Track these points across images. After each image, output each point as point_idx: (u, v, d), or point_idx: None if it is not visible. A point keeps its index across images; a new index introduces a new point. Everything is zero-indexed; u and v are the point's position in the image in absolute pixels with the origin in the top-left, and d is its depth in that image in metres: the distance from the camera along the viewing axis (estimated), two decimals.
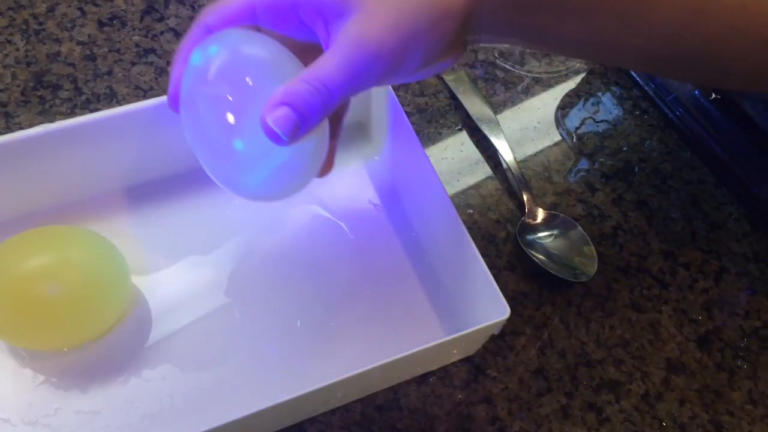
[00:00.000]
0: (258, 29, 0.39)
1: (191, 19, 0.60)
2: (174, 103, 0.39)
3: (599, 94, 0.60)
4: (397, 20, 0.33)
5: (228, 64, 0.36)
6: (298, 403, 0.39)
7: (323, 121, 0.36)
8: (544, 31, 0.37)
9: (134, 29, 0.59)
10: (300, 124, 0.33)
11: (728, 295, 0.50)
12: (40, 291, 0.41)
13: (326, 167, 0.43)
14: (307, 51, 0.38)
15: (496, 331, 0.42)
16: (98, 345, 0.44)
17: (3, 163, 0.44)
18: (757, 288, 0.51)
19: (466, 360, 0.46)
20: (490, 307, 0.41)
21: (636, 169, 0.56)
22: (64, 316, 0.41)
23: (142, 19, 0.60)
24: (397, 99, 0.48)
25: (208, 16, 0.38)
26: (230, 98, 0.36)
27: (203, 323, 0.45)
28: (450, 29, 0.35)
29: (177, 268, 0.47)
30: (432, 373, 0.46)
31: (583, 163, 0.56)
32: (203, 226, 0.49)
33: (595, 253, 0.49)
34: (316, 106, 0.33)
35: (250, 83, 0.36)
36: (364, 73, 0.33)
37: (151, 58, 0.58)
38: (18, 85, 0.55)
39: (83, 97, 0.55)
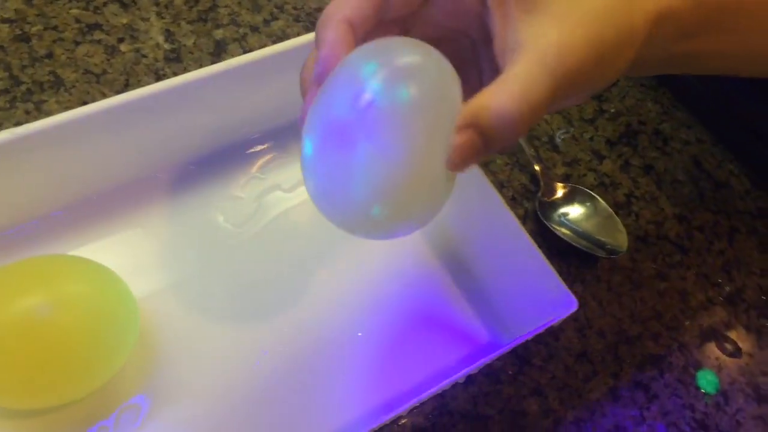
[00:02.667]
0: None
1: None
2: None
3: None
4: (600, 32, 0.28)
5: (393, 110, 0.28)
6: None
7: None
8: (698, 57, 0.35)
9: (71, 1, 0.50)
10: (481, 152, 0.27)
11: (743, 255, 0.50)
12: (31, 339, 0.33)
13: None
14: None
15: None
16: (102, 393, 0.37)
17: None
18: (766, 244, 0.51)
19: (509, 352, 0.43)
20: (551, 301, 0.38)
21: (637, 133, 0.54)
22: (64, 366, 0.34)
23: None
24: None
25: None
26: (387, 153, 0.28)
27: (220, 353, 0.39)
28: (631, 55, 0.30)
29: (180, 291, 0.41)
30: (476, 371, 0.42)
31: (586, 130, 0.54)
32: (196, 230, 0.43)
33: (623, 227, 0.47)
34: (507, 133, 0.27)
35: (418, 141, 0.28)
36: (563, 89, 0.28)
37: (98, 34, 0.49)
38: None
39: (23, 87, 0.46)
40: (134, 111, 0.39)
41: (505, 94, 0.27)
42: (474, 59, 0.35)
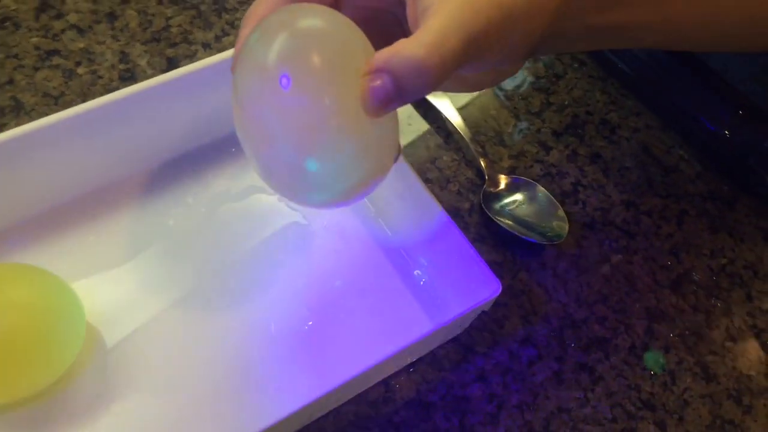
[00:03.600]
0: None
1: (93, 12, 0.54)
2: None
3: None
4: None
5: (301, 62, 0.30)
6: (290, 420, 0.36)
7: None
8: (623, 28, 0.37)
9: (30, 30, 0.53)
10: (394, 97, 0.29)
11: (692, 237, 0.51)
12: None
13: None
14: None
15: (486, 308, 0.41)
16: (54, 391, 0.39)
17: None
18: (717, 225, 0.52)
19: (453, 340, 0.44)
20: (478, 284, 0.39)
21: (584, 123, 0.55)
22: (7, 365, 0.36)
23: (37, 18, 0.53)
24: None
25: None
26: (307, 107, 0.30)
27: (170, 344, 0.41)
28: (539, 26, 0.32)
29: (129, 291, 0.43)
30: (420, 360, 0.43)
31: (533, 123, 0.55)
32: (152, 240, 0.45)
33: (564, 213, 0.48)
34: (418, 80, 0.29)
35: (326, 82, 0.30)
36: (472, 46, 0.30)
37: (56, 60, 0.52)
38: None
39: None
40: (82, 125, 0.41)
41: (416, 43, 0.29)
42: (403, 34, 0.37)
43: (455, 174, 0.51)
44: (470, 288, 0.40)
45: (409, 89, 0.29)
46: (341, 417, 0.41)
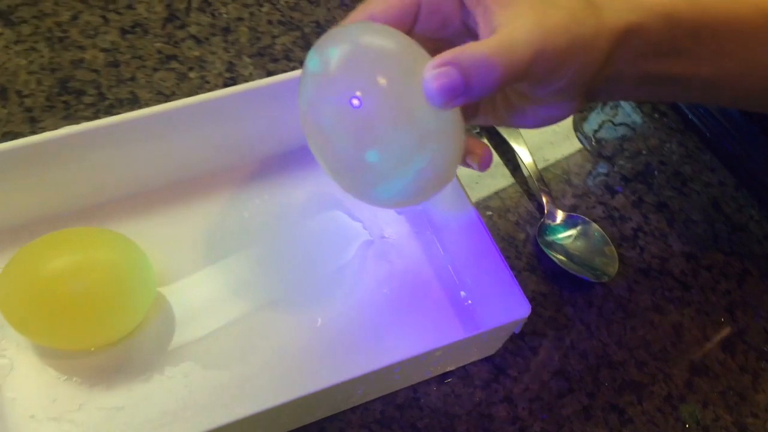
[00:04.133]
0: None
1: (212, 26, 0.61)
2: None
3: None
4: (570, 24, 0.33)
5: (352, 63, 0.33)
6: (316, 399, 0.39)
7: (460, 119, 0.34)
8: (675, 79, 0.38)
9: (156, 36, 0.60)
10: (461, 90, 0.31)
11: (751, 297, 0.50)
12: (66, 291, 0.41)
13: (485, 159, 0.39)
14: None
15: (516, 330, 0.42)
16: (122, 345, 0.44)
17: (28, 165, 0.44)
18: None
19: (487, 360, 0.46)
20: (510, 306, 0.41)
21: (656, 172, 0.56)
22: (89, 316, 0.42)
23: (164, 27, 0.61)
24: None
25: (370, 7, 0.36)
26: (359, 103, 0.33)
27: (225, 324, 0.45)
28: (600, 59, 0.34)
29: (200, 270, 0.47)
30: (452, 372, 0.45)
31: (603, 167, 0.56)
32: (226, 228, 0.49)
33: (615, 253, 0.49)
34: (484, 75, 0.31)
35: (382, 83, 0.33)
36: (538, 61, 0.32)
37: (173, 64, 0.58)
38: (43, 91, 0.55)
39: (107, 102, 0.55)
40: (183, 119, 0.47)
41: (485, 43, 0.32)
42: None
43: (516, 205, 0.53)
44: (502, 308, 0.42)
45: (474, 83, 0.31)
46: (368, 413, 0.44)
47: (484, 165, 0.38)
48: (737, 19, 0.38)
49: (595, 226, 0.51)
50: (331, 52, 0.34)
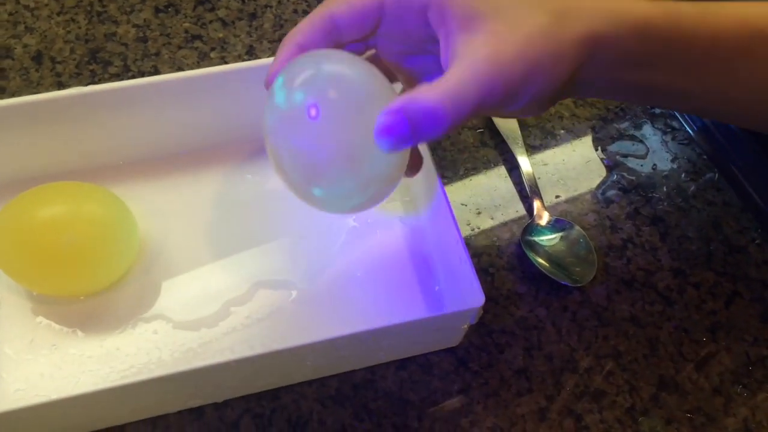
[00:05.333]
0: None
1: (240, 11, 0.64)
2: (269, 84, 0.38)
3: (628, 107, 0.59)
4: (526, 50, 0.33)
5: (309, 105, 0.35)
6: (265, 362, 0.40)
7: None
8: (650, 88, 0.38)
9: (186, 17, 0.63)
10: (407, 137, 0.32)
11: (738, 320, 0.48)
12: (52, 239, 0.44)
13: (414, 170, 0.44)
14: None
15: (472, 320, 0.42)
16: (101, 297, 0.47)
17: (39, 120, 0.48)
18: None
19: (450, 351, 0.46)
20: (467, 295, 0.41)
21: (657, 186, 0.54)
22: (72, 264, 0.44)
23: (194, 8, 0.64)
24: None
25: (333, 6, 0.38)
26: (311, 146, 0.36)
27: (201, 290, 0.47)
28: (562, 75, 0.35)
29: (186, 237, 0.50)
30: (414, 360, 0.46)
31: (602, 175, 0.55)
32: (220, 201, 0.52)
33: (595, 260, 0.49)
34: (432, 124, 0.32)
35: (335, 126, 0.36)
36: (488, 98, 0.33)
37: (197, 44, 0.61)
38: (74, 59, 0.59)
39: (130, 74, 0.59)
40: (196, 89, 0.49)
41: (432, 90, 0.32)
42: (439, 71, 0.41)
43: (506, 204, 0.53)
44: (460, 297, 0.42)
45: (422, 131, 0.32)
46: (324, 389, 0.45)
47: (412, 174, 0.43)
48: (718, 33, 0.37)
49: (580, 231, 0.50)
50: (297, 97, 0.36)
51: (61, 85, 0.58)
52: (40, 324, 0.45)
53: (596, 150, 0.56)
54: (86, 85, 0.58)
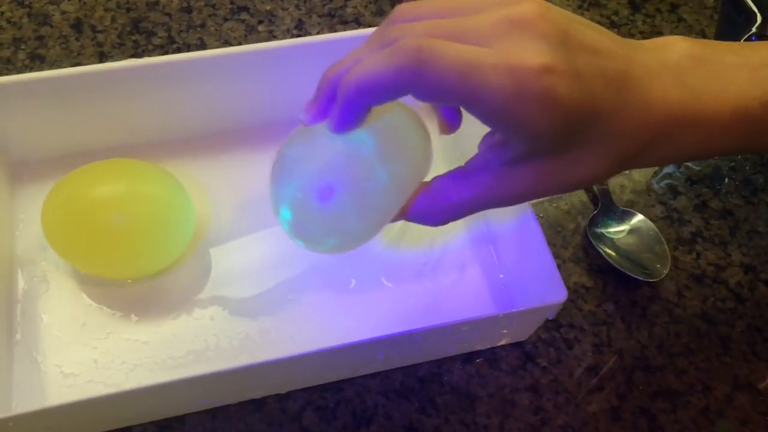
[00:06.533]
0: None
1: None
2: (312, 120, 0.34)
3: None
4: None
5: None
6: (335, 356, 0.38)
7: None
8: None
9: None
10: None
11: None
12: (106, 220, 0.42)
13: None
14: None
15: (550, 316, 0.41)
16: (155, 281, 0.45)
17: (90, 93, 0.45)
18: None
19: (517, 345, 0.45)
20: (546, 290, 0.40)
21: (726, 179, 0.53)
22: (126, 246, 0.42)
23: None
24: None
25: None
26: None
27: (258, 276, 0.45)
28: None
29: (238, 217, 0.48)
30: (480, 353, 0.44)
31: (669, 166, 0.53)
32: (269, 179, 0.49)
33: (668, 254, 0.47)
34: (422, 223, 0.35)
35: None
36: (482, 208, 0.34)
37: (244, 15, 0.59)
38: (116, 29, 0.57)
39: (174, 46, 0.56)
40: (248, 66, 0.47)
41: (420, 199, 0.34)
42: None
43: (570, 194, 0.51)
44: (537, 291, 0.40)
45: (420, 224, 0.35)
46: (388, 381, 0.43)
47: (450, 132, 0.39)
48: None
49: (650, 224, 0.48)
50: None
51: (103, 56, 0.55)
52: (93, 308, 0.43)
53: None
54: (130, 56, 0.55)
